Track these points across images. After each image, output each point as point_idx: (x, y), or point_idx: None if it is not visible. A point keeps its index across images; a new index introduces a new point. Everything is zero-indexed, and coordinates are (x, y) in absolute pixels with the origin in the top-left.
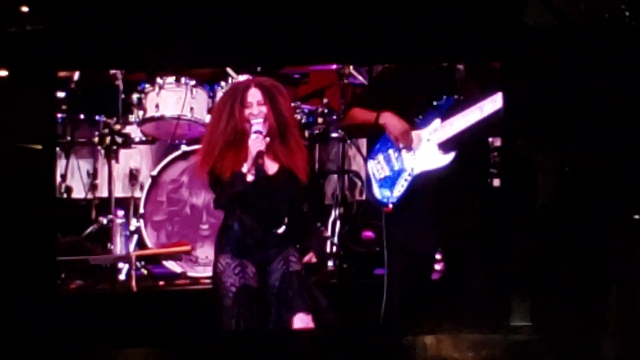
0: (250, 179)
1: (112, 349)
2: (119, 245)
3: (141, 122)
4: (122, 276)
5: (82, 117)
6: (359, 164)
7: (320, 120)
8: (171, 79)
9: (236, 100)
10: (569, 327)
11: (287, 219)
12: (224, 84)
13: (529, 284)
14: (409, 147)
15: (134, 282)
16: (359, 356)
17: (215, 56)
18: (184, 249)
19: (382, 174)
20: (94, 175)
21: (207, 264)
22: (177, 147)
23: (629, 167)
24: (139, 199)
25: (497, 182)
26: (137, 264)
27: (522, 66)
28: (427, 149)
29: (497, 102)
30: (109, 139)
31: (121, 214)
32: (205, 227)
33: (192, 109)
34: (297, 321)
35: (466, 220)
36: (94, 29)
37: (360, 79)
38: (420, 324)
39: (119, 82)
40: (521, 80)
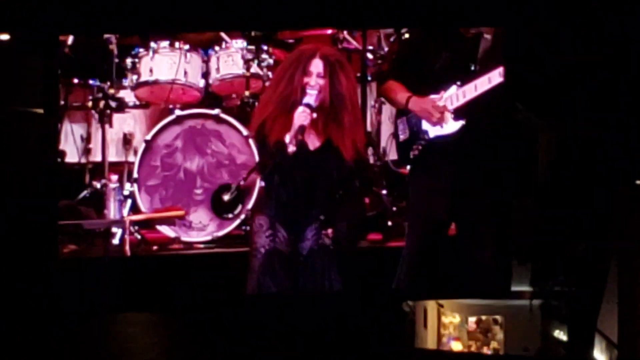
0: (291, 150)
1: (106, 314)
2: (112, 209)
3: (135, 87)
4: (115, 241)
5: (75, 81)
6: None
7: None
8: (165, 43)
9: (299, 67)
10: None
11: (324, 197)
12: (217, 48)
13: (529, 250)
14: (437, 123)
15: (127, 247)
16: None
17: (209, 20)
18: (178, 213)
19: (403, 136)
20: (87, 139)
21: (201, 229)
22: (171, 111)
23: (631, 132)
24: (132, 164)
25: None
26: (131, 228)
27: (524, 31)
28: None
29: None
30: (102, 104)
31: (115, 178)
32: (199, 192)
33: (186, 73)
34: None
35: (476, 186)
36: None
37: (354, 44)
38: (428, 288)
39: (113, 47)
40: (522, 46)
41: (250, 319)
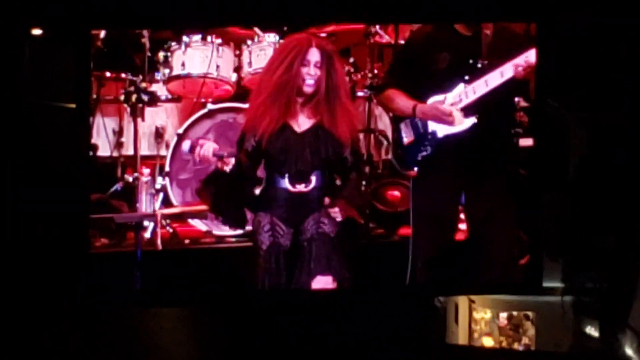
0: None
1: (138, 308)
2: (144, 203)
3: (167, 80)
4: (147, 234)
5: (108, 74)
6: (385, 123)
7: (346, 79)
8: (197, 37)
9: (297, 56)
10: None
11: (318, 177)
12: (250, 42)
13: (560, 245)
14: (451, 124)
15: (159, 241)
16: (383, 316)
17: (242, 15)
18: None
19: (408, 138)
20: (119, 133)
21: None
22: (203, 105)
23: None
24: (164, 157)
25: (523, 142)
26: (163, 222)
27: (556, 26)
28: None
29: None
30: (134, 97)
31: (147, 172)
32: None
33: (218, 68)
34: (315, 283)
35: (490, 182)
36: None
37: (386, 38)
38: (445, 285)
39: (145, 40)
40: (555, 40)
41: (279, 314)
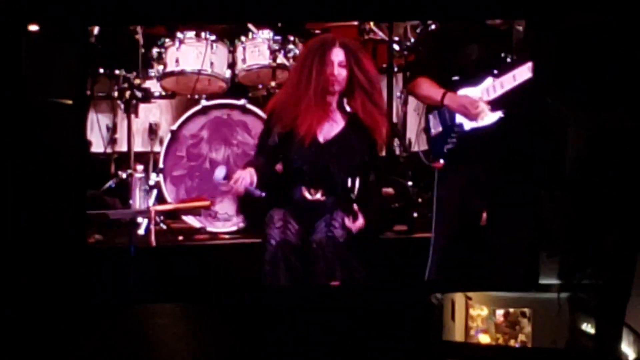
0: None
1: (132, 304)
2: (138, 199)
3: (161, 77)
4: (141, 231)
5: (101, 71)
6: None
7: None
8: (191, 34)
9: (317, 59)
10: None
11: (342, 188)
12: (244, 38)
13: (557, 242)
14: (477, 118)
15: (153, 237)
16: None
17: (236, 12)
18: (204, 204)
19: (435, 130)
20: (113, 129)
21: (227, 219)
22: (197, 101)
23: None
24: (158, 154)
25: None
26: (157, 218)
27: (553, 24)
28: None
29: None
30: (128, 94)
31: (140, 168)
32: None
33: (212, 64)
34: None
35: (511, 177)
36: None
37: (381, 35)
38: (459, 281)
39: (139, 37)
40: (552, 38)
41: (276, 310)
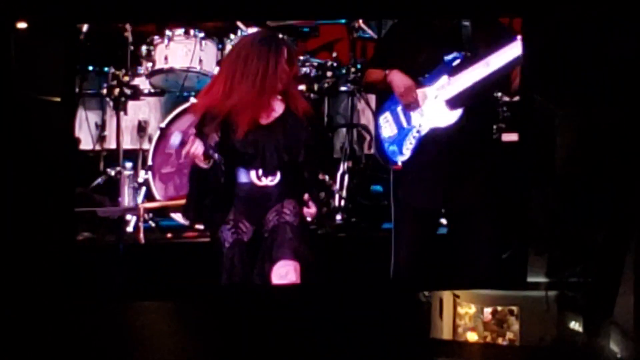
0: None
1: (121, 301)
2: (126, 197)
3: (150, 74)
4: (129, 228)
5: (90, 68)
6: (367, 118)
7: (329, 73)
8: (180, 31)
9: (272, 56)
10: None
11: (283, 170)
12: (233, 36)
13: (545, 240)
14: (413, 104)
15: (141, 234)
16: (368, 310)
17: (225, 10)
18: None
19: (390, 132)
20: (102, 126)
21: None
22: (186, 99)
23: None
24: (147, 151)
25: (506, 137)
26: (145, 216)
27: (542, 21)
28: (435, 106)
29: (503, 57)
30: (117, 91)
31: (129, 165)
32: None
33: (201, 61)
34: (278, 267)
35: (474, 176)
36: None
37: (370, 33)
38: (429, 279)
39: (128, 34)
40: (540, 35)
41: (265, 308)
